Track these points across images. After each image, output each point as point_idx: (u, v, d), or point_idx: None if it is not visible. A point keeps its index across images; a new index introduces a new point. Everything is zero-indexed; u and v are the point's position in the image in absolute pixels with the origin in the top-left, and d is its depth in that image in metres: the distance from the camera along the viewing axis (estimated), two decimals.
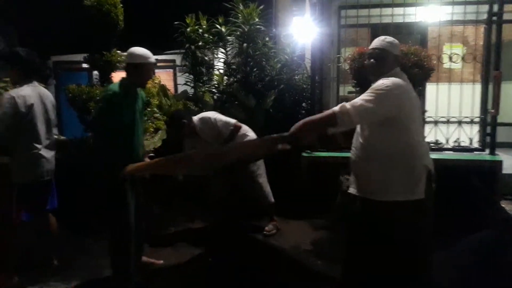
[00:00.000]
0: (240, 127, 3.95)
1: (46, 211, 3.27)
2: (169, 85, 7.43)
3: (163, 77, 7.08)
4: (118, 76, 3.68)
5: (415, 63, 3.70)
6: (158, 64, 9.83)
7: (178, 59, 6.27)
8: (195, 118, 3.96)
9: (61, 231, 3.47)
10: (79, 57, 5.52)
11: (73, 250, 3.71)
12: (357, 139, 2.55)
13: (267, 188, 4.11)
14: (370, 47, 2.52)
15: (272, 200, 4.12)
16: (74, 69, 9.57)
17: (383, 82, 2.34)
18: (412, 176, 2.38)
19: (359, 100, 2.31)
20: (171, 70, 9.96)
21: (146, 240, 3.46)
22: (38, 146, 3.10)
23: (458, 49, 4.62)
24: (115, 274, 3.04)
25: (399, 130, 2.36)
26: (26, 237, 3.27)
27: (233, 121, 3.95)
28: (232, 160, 3.19)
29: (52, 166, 3.24)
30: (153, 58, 2.97)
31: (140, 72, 2.93)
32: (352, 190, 2.61)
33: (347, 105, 2.29)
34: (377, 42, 2.50)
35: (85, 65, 8.99)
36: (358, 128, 2.56)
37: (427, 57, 3.88)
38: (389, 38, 2.51)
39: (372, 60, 2.48)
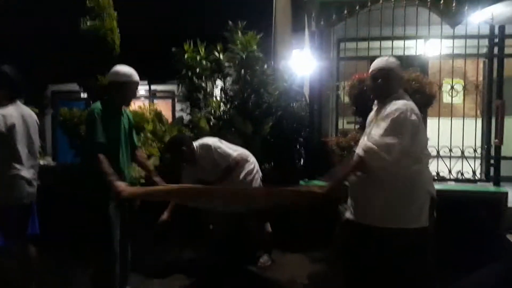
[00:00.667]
0: (238, 163, 3.71)
1: (26, 237, 3.08)
2: (168, 115, 7.38)
3: (162, 107, 7.02)
4: None
5: (417, 90, 3.62)
6: (157, 94, 9.93)
7: (177, 90, 6.22)
8: (196, 144, 3.81)
9: (43, 260, 3.27)
10: (77, 86, 5.50)
11: (55, 280, 3.50)
12: None
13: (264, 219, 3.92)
14: (374, 68, 2.45)
15: (269, 230, 3.92)
16: (72, 99, 9.56)
17: (397, 108, 2.24)
18: (417, 203, 2.28)
19: (378, 134, 2.21)
20: (170, 101, 9.97)
21: (130, 269, 3.25)
22: (19, 167, 2.95)
23: (458, 85, 4.59)
24: None
25: (411, 156, 2.25)
26: (5, 264, 3.06)
27: (234, 154, 3.70)
28: (260, 205, 3.05)
29: (34, 190, 3.07)
30: (137, 77, 2.89)
31: (123, 90, 2.86)
32: (350, 216, 2.47)
33: (370, 145, 2.21)
34: (381, 62, 2.43)
35: (83, 95, 9.07)
36: (358, 149, 2.44)
37: (429, 84, 3.80)
38: (392, 58, 2.44)
39: (379, 80, 2.40)
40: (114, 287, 2.88)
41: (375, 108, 2.47)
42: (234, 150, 3.76)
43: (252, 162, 3.87)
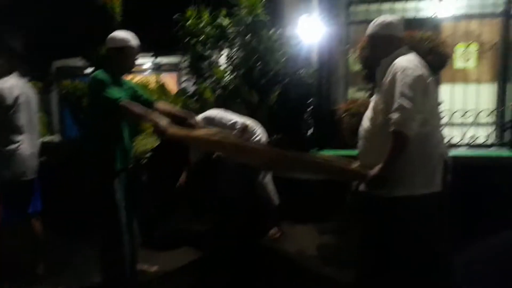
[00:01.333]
0: (247, 127, 3.66)
1: (29, 214, 3.04)
2: (173, 88, 7.25)
3: (167, 80, 6.89)
4: None
5: (430, 50, 3.43)
6: (162, 67, 9.76)
7: (182, 62, 6.07)
8: (199, 117, 3.70)
9: (49, 236, 3.26)
10: (81, 61, 5.38)
11: (61, 256, 3.51)
12: (366, 128, 2.31)
13: (272, 189, 3.84)
14: (365, 36, 2.36)
15: (277, 202, 3.86)
16: (78, 74, 9.46)
17: (397, 66, 2.11)
18: (428, 167, 2.16)
19: (399, 105, 2.05)
20: (175, 74, 9.80)
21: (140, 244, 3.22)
22: (19, 141, 2.89)
23: (472, 48, 4.39)
24: (106, 281, 2.80)
25: (421, 116, 2.11)
26: (9, 242, 3.03)
27: (240, 120, 3.65)
28: (305, 173, 2.82)
29: (35, 165, 3.01)
30: (135, 41, 2.71)
31: (122, 56, 2.69)
32: (362, 187, 2.37)
33: (396, 116, 2.05)
34: (369, 28, 2.32)
35: (88, 70, 8.96)
36: (367, 114, 2.32)
37: (442, 43, 3.60)
38: (380, 19, 2.29)
39: (371, 48, 2.35)
40: (122, 264, 2.83)
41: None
42: (238, 118, 3.67)
43: (259, 134, 3.77)
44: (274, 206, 3.85)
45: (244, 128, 3.64)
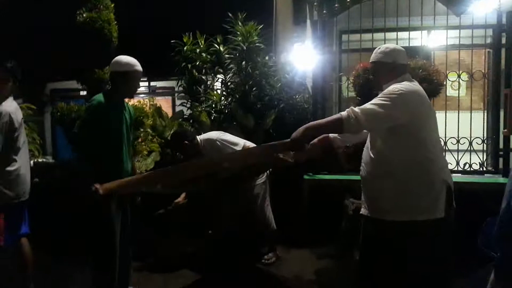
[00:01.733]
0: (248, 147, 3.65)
1: (19, 235, 2.98)
2: (168, 111, 7.28)
3: (162, 104, 6.92)
4: None
5: (424, 78, 3.51)
6: (157, 91, 9.81)
7: (177, 86, 6.13)
8: (200, 138, 3.70)
9: (40, 258, 3.19)
10: (77, 84, 5.39)
11: (53, 278, 3.42)
12: (367, 154, 2.32)
13: (270, 214, 3.82)
14: (370, 62, 2.40)
15: (274, 227, 3.83)
16: (72, 97, 9.45)
17: (395, 86, 2.15)
18: (431, 193, 2.15)
19: (368, 104, 2.12)
20: (170, 98, 9.84)
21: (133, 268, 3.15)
22: (19, 163, 2.89)
23: (463, 77, 4.50)
24: None
25: (416, 140, 2.14)
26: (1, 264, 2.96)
27: (241, 142, 3.64)
28: (231, 171, 2.94)
29: (29, 186, 2.98)
30: (139, 66, 2.75)
31: (126, 80, 2.71)
32: (363, 211, 2.37)
33: (356, 108, 2.09)
34: (372, 55, 2.36)
35: (82, 93, 8.95)
36: (368, 141, 2.34)
37: (436, 72, 3.69)
38: (383, 47, 2.33)
39: (374, 74, 2.39)
40: (115, 286, 2.78)
41: None
42: (239, 144, 3.67)
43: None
44: (271, 231, 3.81)
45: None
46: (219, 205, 3.74)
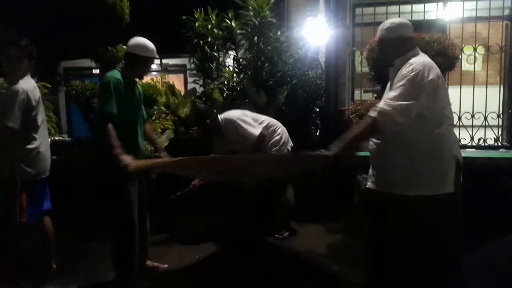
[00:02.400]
0: (264, 137, 3.66)
1: (41, 212, 3.07)
2: (180, 89, 7.30)
3: (174, 81, 6.94)
4: None
5: (439, 52, 3.45)
6: (169, 69, 9.81)
7: (189, 64, 6.13)
8: (222, 117, 3.74)
9: (61, 234, 3.30)
10: (91, 62, 5.43)
11: (73, 253, 3.52)
12: None
13: (291, 190, 3.87)
14: (376, 36, 2.35)
15: (293, 203, 3.88)
16: (85, 75, 9.52)
17: (413, 67, 2.10)
18: (441, 168, 2.15)
19: (394, 96, 2.07)
20: (182, 75, 9.85)
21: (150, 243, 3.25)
22: (39, 141, 2.93)
23: (479, 50, 4.40)
24: (118, 278, 2.84)
25: (430, 117, 2.12)
26: (24, 240, 3.06)
27: (257, 132, 3.64)
28: (264, 173, 2.98)
29: (49, 164, 3.05)
30: (155, 52, 2.80)
31: (140, 64, 2.77)
32: (371, 185, 2.38)
33: (383, 106, 2.08)
34: (378, 32, 2.32)
35: (95, 71, 9.00)
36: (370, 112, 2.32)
37: (451, 45, 3.62)
38: (387, 23, 2.29)
39: (381, 50, 2.35)
40: (134, 262, 2.86)
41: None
42: (260, 124, 3.71)
43: (280, 133, 3.79)
44: (290, 206, 3.86)
45: (262, 140, 3.65)
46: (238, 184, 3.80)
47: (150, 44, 2.81)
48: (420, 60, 2.17)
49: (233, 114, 3.76)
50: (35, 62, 3.03)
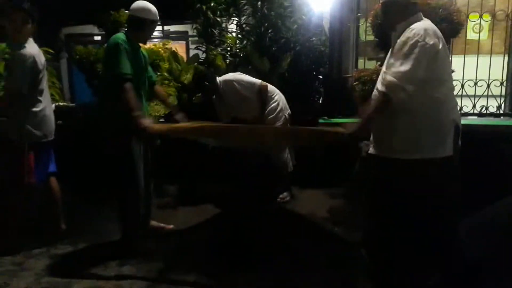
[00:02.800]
0: (266, 87, 3.74)
1: (48, 174, 3.15)
2: (182, 56, 7.25)
3: (176, 48, 6.88)
4: None
5: (444, 18, 3.42)
6: (171, 36, 9.70)
7: (191, 31, 6.07)
8: (220, 79, 3.77)
9: (67, 197, 3.38)
10: (91, 28, 5.37)
11: (81, 215, 3.64)
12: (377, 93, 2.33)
13: (288, 155, 3.93)
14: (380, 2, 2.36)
15: (291, 168, 3.95)
16: (86, 42, 9.42)
17: (414, 32, 2.11)
18: (440, 132, 2.19)
19: (397, 64, 2.10)
20: (184, 42, 9.74)
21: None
22: (44, 104, 2.99)
23: (485, 18, 4.34)
24: (123, 237, 2.94)
25: (431, 82, 2.14)
26: (33, 201, 3.15)
27: (258, 81, 3.74)
28: (278, 143, 3.03)
29: (53, 127, 3.11)
30: (157, 15, 2.83)
31: (143, 27, 2.80)
32: (372, 150, 2.42)
33: (390, 78, 2.09)
34: None
35: (97, 38, 8.90)
36: (379, 81, 2.34)
37: (457, 11, 3.58)
38: None
39: (385, 14, 2.34)
40: (138, 223, 2.96)
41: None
42: (256, 80, 3.77)
43: (276, 100, 3.81)
44: (287, 171, 3.93)
45: (264, 88, 3.70)
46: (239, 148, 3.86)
47: (153, 7, 2.83)
48: (421, 25, 2.17)
49: (229, 75, 3.84)
50: (37, 28, 3.03)
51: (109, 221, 3.31)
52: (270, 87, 3.84)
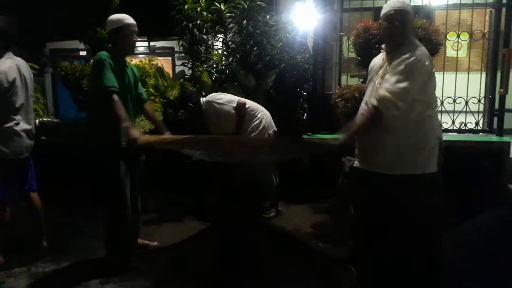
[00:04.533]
0: (243, 104, 3.76)
1: (26, 191, 3.09)
2: (168, 72, 7.29)
3: (162, 64, 6.93)
4: None
5: (423, 37, 3.53)
6: (157, 51, 9.76)
7: (177, 47, 6.14)
8: (203, 100, 3.83)
9: (50, 213, 3.33)
10: (76, 44, 5.37)
11: (64, 232, 3.59)
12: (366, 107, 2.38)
13: (272, 172, 3.95)
14: (391, 8, 2.28)
15: (275, 183, 3.98)
16: (71, 57, 9.41)
17: (412, 53, 2.19)
18: (428, 149, 2.27)
19: (393, 81, 2.16)
20: (170, 58, 9.81)
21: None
22: (16, 121, 2.91)
23: (464, 37, 4.50)
24: (109, 256, 2.92)
25: (423, 101, 2.22)
26: (14, 218, 3.10)
27: (236, 98, 3.79)
28: (267, 156, 3.05)
29: (31, 143, 3.05)
30: (131, 19, 2.82)
31: (122, 36, 2.79)
32: (358, 164, 2.47)
33: (384, 93, 2.16)
34: (396, 3, 2.28)
35: (82, 53, 8.90)
36: (368, 96, 2.40)
37: (435, 31, 3.71)
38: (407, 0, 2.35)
39: (396, 23, 2.25)
40: (125, 241, 2.92)
41: (382, 53, 2.40)
42: (234, 97, 3.83)
43: (259, 118, 3.83)
44: (273, 187, 3.96)
45: (241, 106, 3.73)
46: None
47: (124, 15, 2.84)
48: (418, 45, 2.26)
49: (210, 95, 3.90)
50: (18, 41, 3.00)
51: (93, 238, 3.29)
52: (253, 104, 3.87)
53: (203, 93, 4.19)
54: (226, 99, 3.80)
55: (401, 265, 2.35)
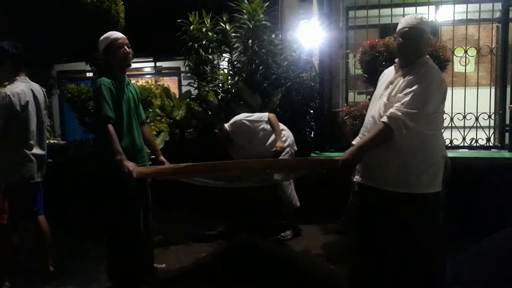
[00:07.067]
0: (274, 115, 3.80)
1: (34, 214, 3.07)
2: (174, 92, 7.32)
3: (168, 84, 6.96)
4: None
5: (430, 54, 3.48)
6: (163, 72, 9.84)
7: (183, 67, 6.18)
8: (227, 124, 3.83)
9: (58, 236, 3.32)
10: (83, 65, 5.41)
11: (71, 256, 3.54)
12: (373, 123, 2.33)
13: (293, 191, 3.90)
14: (406, 25, 2.22)
15: (297, 205, 3.90)
16: (78, 78, 9.50)
17: (427, 73, 2.14)
18: (433, 168, 2.21)
19: (404, 101, 2.11)
20: (176, 78, 9.87)
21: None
22: (30, 145, 2.92)
23: (471, 52, 4.47)
24: (119, 279, 2.84)
25: (433, 121, 2.18)
26: (20, 241, 3.06)
27: (265, 113, 3.82)
28: (270, 176, 3.01)
29: (42, 168, 3.04)
30: (117, 33, 2.80)
31: (112, 52, 2.76)
32: (358, 178, 2.40)
33: (394, 110, 2.11)
34: (415, 19, 2.22)
35: (89, 74, 8.98)
36: (375, 111, 2.34)
37: (443, 48, 3.68)
38: (418, 15, 2.30)
39: (411, 40, 2.19)
40: (135, 267, 2.83)
41: (394, 68, 2.35)
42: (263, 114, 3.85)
43: (285, 135, 3.84)
44: (293, 207, 3.90)
45: (272, 118, 3.77)
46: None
47: (110, 32, 2.82)
48: (432, 65, 2.22)
49: (236, 117, 3.89)
50: (26, 64, 3.01)
51: (101, 263, 3.21)
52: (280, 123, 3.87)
53: (209, 113, 4.17)
54: (256, 115, 3.83)
55: (400, 285, 2.27)
